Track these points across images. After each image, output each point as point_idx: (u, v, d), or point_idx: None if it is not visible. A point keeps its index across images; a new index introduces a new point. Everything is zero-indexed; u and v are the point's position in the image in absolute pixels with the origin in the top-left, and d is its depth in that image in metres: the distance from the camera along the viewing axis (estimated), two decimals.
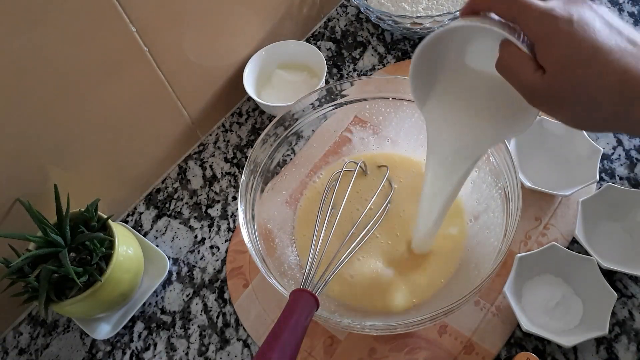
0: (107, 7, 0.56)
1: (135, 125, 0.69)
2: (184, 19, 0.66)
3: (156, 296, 0.68)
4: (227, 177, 0.76)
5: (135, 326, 0.66)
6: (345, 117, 0.70)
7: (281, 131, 0.63)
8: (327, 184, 0.66)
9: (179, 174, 0.78)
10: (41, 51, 0.53)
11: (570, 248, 0.62)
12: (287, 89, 0.79)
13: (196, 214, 0.74)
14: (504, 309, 0.60)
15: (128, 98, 0.65)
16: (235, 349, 0.63)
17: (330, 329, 0.61)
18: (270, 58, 0.80)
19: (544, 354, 0.57)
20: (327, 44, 0.88)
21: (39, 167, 0.60)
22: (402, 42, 0.85)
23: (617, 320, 0.58)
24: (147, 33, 0.61)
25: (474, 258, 0.60)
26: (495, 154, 0.57)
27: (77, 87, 0.58)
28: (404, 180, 0.67)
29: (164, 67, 0.66)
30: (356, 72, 0.84)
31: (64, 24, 0.53)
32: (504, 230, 0.54)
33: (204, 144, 0.80)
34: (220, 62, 0.76)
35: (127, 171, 0.72)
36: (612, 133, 0.71)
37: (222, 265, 0.69)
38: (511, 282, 0.58)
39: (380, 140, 0.70)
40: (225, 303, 0.66)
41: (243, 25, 0.76)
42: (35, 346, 0.67)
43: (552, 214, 0.65)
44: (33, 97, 0.55)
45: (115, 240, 0.60)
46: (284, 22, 0.82)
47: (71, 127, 0.61)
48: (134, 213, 0.76)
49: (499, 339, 0.58)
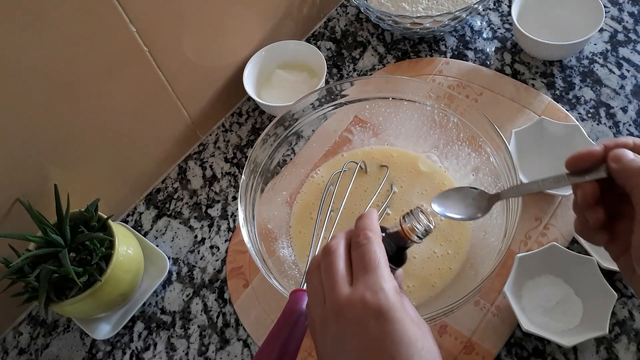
0: (107, 7, 0.56)
1: (135, 125, 0.69)
2: (184, 19, 0.66)
3: (156, 296, 0.68)
4: (227, 177, 0.76)
5: (135, 326, 0.66)
6: (345, 117, 0.70)
7: (281, 131, 0.63)
8: (327, 184, 0.66)
9: (179, 174, 0.78)
10: (41, 51, 0.53)
11: (570, 248, 0.62)
12: (287, 89, 0.79)
13: (196, 214, 0.74)
14: (504, 309, 0.60)
15: (128, 98, 0.65)
16: (235, 349, 0.63)
17: None
18: (270, 58, 0.80)
19: (544, 354, 0.57)
20: (327, 44, 0.88)
21: (39, 167, 0.60)
22: (402, 42, 0.85)
23: (617, 320, 0.58)
24: (147, 33, 0.61)
25: (474, 258, 0.60)
26: (495, 154, 0.58)
27: (77, 87, 0.58)
28: (404, 180, 0.67)
29: (164, 67, 0.66)
30: (356, 72, 0.84)
31: (64, 24, 0.53)
32: (504, 230, 0.54)
33: (204, 144, 0.80)
34: (220, 62, 0.76)
35: (127, 171, 0.72)
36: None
37: (222, 265, 0.69)
38: (511, 282, 0.58)
39: (380, 140, 0.70)
40: (225, 303, 0.66)
41: (243, 25, 0.76)
42: (35, 346, 0.67)
43: (552, 214, 0.65)
44: (33, 97, 0.55)
45: (115, 240, 0.60)
46: (284, 22, 0.82)
47: (71, 127, 0.61)
48: (134, 213, 0.75)
49: (499, 339, 0.58)
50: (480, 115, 0.58)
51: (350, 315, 0.35)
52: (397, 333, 0.33)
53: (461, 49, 0.83)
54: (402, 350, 0.33)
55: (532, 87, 0.76)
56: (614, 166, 0.35)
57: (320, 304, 0.37)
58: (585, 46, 0.79)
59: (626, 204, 0.35)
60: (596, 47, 0.79)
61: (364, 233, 0.39)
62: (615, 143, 0.36)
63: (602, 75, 0.76)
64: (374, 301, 0.34)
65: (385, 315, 0.34)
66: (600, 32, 0.80)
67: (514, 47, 0.81)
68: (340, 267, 0.37)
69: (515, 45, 0.81)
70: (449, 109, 0.62)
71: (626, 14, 0.82)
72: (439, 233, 0.62)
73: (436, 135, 0.66)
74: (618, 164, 0.35)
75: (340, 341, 0.35)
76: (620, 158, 0.35)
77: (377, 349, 0.33)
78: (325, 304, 0.37)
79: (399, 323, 0.34)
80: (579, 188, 0.37)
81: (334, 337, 0.35)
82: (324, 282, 0.38)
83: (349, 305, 0.35)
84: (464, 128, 0.62)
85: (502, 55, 0.81)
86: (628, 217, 0.36)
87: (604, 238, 0.38)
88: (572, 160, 0.38)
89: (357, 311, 0.34)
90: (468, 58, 0.81)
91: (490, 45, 0.82)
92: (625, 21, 0.81)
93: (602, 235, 0.38)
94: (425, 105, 0.63)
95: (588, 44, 0.79)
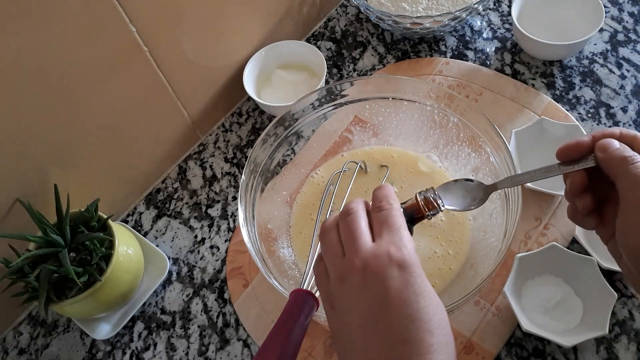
0: (107, 7, 0.56)
1: (135, 125, 0.69)
2: (184, 19, 0.66)
3: (156, 296, 0.68)
4: (227, 177, 0.76)
5: (135, 326, 0.66)
6: (345, 117, 0.70)
7: (281, 131, 0.63)
8: (327, 184, 0.66)
9: (179, 174, 0.78)
10: (41, 51, 0.53)
11: (570, 248, 0.62)
12: (287, 89, 0.79)
13: (196, 214, 0.74)
14: (504, 309, 0.60)
15: (128, 98, 0.65)
16: (235, 349, 0.63)
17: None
18: (270, 58, 0.80)
19: (544, 354, 0.57)
20: (327, 44, 0.88)
21: (39, 167, 0.60)
22: (402, 42, 0.85)
23: (617, 320, 0.58)
24: (147, 33, 0.61)
25: (474, 258, 0.60)
26: (495, 154, 0.58)
27: (77, 87, 0.58)
28: (404, 180, 0.67)
29: (164, 67, 0.66)
30: (356, 72, 0.84)
31: (64, 24, 0.53)
32: (504, 230, 0.54)
33: (204, 144, 0.80)
34: (220, 62, 0.76)
35: (127, 171, 0.72)
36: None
37: (222, 265, 0.69)
38: (511, 282, 0.58)
39: (380, 140, 0.70)
40: (225, 303, 0.66)
41: (243, 25, 0.76)
42: (35, 346, 0.67)
43: (552, 214, 0.65)
44: (33, 97, 0.55)
45: (115, 240, 0.60)
46: (284, 22, 0.82)
47: (71, 127, 0.61)
48: (134, 213, 0.75)
49: (499, 339, 0.58)
50: (480, 115, 0.58)
51: (375, 265, 0.36)
52: (418, 285, 0.35)
53: (461, 49, 0.83)
54: (422, 301, 0.35)
55: (532, 87, 0.76)
56: (601, 155, 0.37)
57: (338, 259, 0.39)
58: (585, 46, 0.79)
59: (614, 191, 0.38)
60: (596, 47, 0.79)
61: (386, 199, 0.41)
62: (603, 133, 0.39)
63: (602, 75, 0.76)
64: (399, 255, 0.36)
65: (408, 268, 0.36)
66: (600, 32, 0.80)
67: (514, 47, 0.81)
68: (362, 225, 0.39)
69: (515, 45, 0.81)
70: (449, 109, 0.62)
71: (626, 14, 0.82)
72: (440, 233, 0.62)
73: (436, 135, 0.66)
74: (604, 153, 0.37)
75: (361, 291, 0.36)
76: (607, 147, 0.37)
77: (398, 297, 0.35)
78: (345, 257, 0.38)
79: (420, 277, 0.36)
80: (569, 177, 0.40)
81: (354, 286, 0.37)
82: (344, 238, 0.39)
83: (374, 256, 0.36)
84: (464, 128, 0.62)
85: (502, 55, 0.81)
86: (615, 202, 0.38)
87: (593, 222, 0.40)
88: (562, 150, 0.40)
89: (383, 262, 0.36)
90: (468, 58, 0.81)
91: (490, 45, 0.82)
92: (625, 21, 0.81)
93: (591, 220, 0.40)
94: (425, 105, 0.63)
95: (588, 44, 0.79)
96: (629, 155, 0.36)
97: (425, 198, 0.43)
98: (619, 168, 0.36)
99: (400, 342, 0.34)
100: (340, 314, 0.38)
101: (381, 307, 0.35)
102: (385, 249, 0.37)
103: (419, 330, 0.34)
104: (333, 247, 0.40)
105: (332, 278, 0.39)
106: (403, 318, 0.34)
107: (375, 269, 0.36)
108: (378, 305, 0.35)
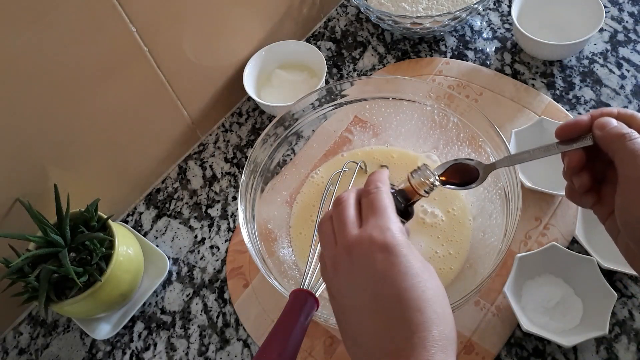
0: (107, 7, 0.56)
1: (135, 125, 0.69)
2: (184, 19, 0.66)
3: (156, 296, 0.68)
4: (227, 177, 0.76)
5: (135, 326, 0.66)
6: (345, 117, 0.70)
7: (281, 131, 0.63)
8: (327, 184, 0.66)
9: (179, 174, 0.78)
10: (41, 51, 0.53)
11: (570, 248, 0.62)
12: (287, 89, 0.79)
13: (196, 214, 0.74)
14: (504, 309, 0.60)
15: (128, 98, 0.65)
16: (235, 349, 0.63)
17: (330, 329, 0.61)
18: (270, 58, 0.80)
19: (544, 354, 0.57)
20: (327, 44, 0.88)
21: (39, 167, 0.60)
22: (402, 42, 0.85)
23: (617, 320, 0.58)
24: (147, 33, 0.61)
25: (474, 258, 0.60)
26: (495, 154, 0.58)
27: (77, 87, 0.58)
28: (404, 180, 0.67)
29: (164, 67, 0.66)
30: (356, 72, 0.84)
31: (64, 24, 0.53)
32: (504, 230, 0.54)
33: (204, 144, 0.80)
34: (220, 62, 0.76)
35: (127, 171, 0.72)
36: None
37: (222, 265, 0.69)
38: (511, 282, 0.58)
39: (380, 141, 0.70)
40: (225, 303, 0.66)
41: (243, 25, 0.76)
42: (35, 346, 0.67)
43: (552, 214, 0.65)
44: (33, 96, 0.55)
45: (115, 240, 0.60)
46: (284, 22, 0.82)
47: (71, 127, 0.61)
48: (134, 213, 0.75)
49: (499, 339, 0.58)
50: (480, 115, 0.58)
51: (358, 251, 0.37)
52: (403, 265, 0.36)
53: (461, 49, 0.83)
54: (408, 279, 0.35)
55: (532, 87, 0.76)
56: (598, 133, 0.38)
57: (332, 247, 0.40)
58: (585, 46, 0.79)
59: (611, 170, 0.38)
60: (596, 47, 0.79)
61: (374, 183, 0.42)
62: (601, 112, 0.39)
63: (602, 75, 0.76)
64: (381, 238, 0.37)
65: (391, 250, 0.36)
66: (600, 32, 0.80)
67: (514, 47, 0.81)
68: (350, 213, 0.40)
69: (515, 45, 0.81)
70: (449, 109, 0.62)
71: (626, 14, 0.82)
72: (441, 233, 0.62)
73: (436, 136, 0.66)
74: (602, 131, 0.38)
75: (351, 276, 0.37)
76: (604, 125, 0.38)
77: (384, 278, 0.36)
78: (337, 245, 0.39)
79: (405, 257, 0.36)
80: (567, 156, 0.40)
81: (345, 273, 0.38)
82: (335, 227, 0.41)
83: (358, 242, 0.38)
84: (464, 128, 0.62)
85: (502, 55, 0.81)
86: (613, 181, 0.38)
87: (590, 201, 0.41)
88: (561, 129, 0.40)
89: (365, 247, 0.37)
90: (468, 58, 0.81)
91: (490, 45, 0.82)
92: (625, 21, 0.81)
93: (589, 198, 0.41)
94: (425, 105, 0.63)
95: (588, 44, 0.79)
96: (627, 132, 0.36)
97: (417, 178, 0.45)
98: (617, 144, 0.36)
99: (391, 323, 0.35)
100: (338, 301, 0.39)
101: (371, 290, 0.36)
102: (368, 234, 0.37)
103: (407, 309, 0.34)
104: (327, 237, 0.41)
105: (329, 266, 0.40)
106: (391, 299, 0.35)
107: (360, 254, 0.37)
108: (368, 288, 0.36)
